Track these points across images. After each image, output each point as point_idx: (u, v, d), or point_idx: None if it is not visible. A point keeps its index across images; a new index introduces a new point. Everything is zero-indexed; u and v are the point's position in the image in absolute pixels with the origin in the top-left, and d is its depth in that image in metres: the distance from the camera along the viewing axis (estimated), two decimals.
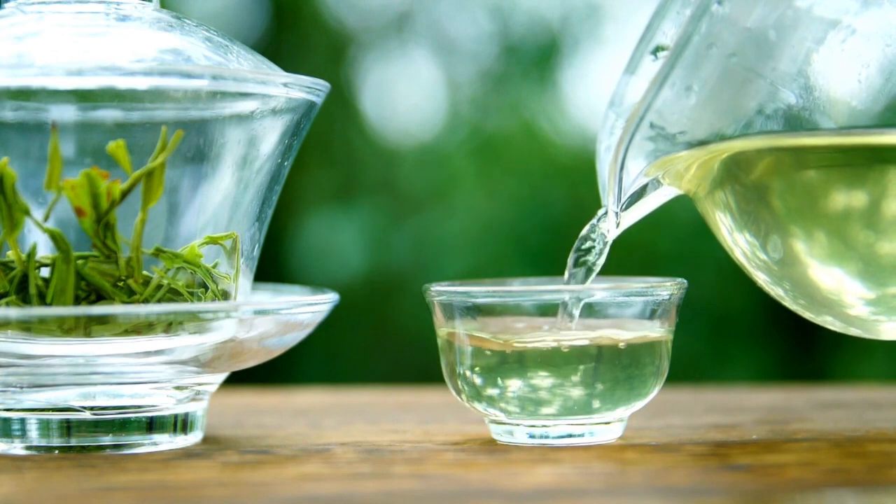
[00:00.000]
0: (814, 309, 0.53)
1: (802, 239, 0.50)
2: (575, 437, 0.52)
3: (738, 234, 0.52)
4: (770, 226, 0.51)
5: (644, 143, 0.52)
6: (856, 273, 0.51)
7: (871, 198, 0.50)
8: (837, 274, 0.51)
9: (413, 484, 0.45)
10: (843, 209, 0.50)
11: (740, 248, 0.53)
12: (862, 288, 0.51)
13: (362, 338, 1.72)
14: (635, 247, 1.66)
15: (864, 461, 0.48)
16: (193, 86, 0.50)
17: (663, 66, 0.50)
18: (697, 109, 0.51)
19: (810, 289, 0.52)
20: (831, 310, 0.52)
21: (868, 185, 0.50)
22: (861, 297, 0.51)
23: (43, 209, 0.50)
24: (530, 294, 0.52)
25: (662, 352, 0.52)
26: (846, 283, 0.51)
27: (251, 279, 0.56)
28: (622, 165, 0.52)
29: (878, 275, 0.51)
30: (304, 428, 0.58)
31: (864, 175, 0.50)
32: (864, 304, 0.51)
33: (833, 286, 0.51)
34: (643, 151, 0.52)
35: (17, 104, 0.50)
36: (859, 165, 0.50)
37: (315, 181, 1.74)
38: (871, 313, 0.52)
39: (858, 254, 0.50)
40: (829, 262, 0.50)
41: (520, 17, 1.78)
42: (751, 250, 0.52)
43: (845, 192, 0.50)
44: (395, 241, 1.72)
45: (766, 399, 0.67)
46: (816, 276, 0.51)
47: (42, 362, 0.50)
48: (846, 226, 0.50)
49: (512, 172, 1.75)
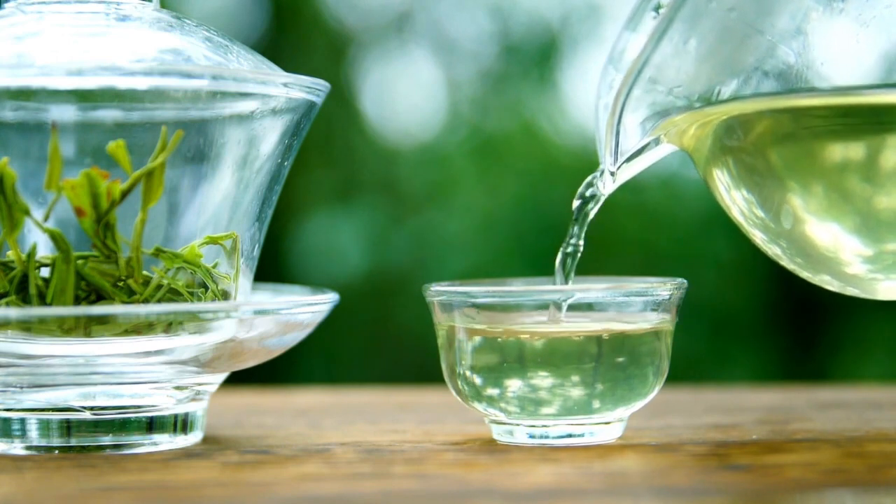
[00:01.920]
0: (811, 268, 0.52)
1: (799, 194, 0.50)
2: (575, 437, 0.52)
3: (736, 191, 0.52)
4: (767, 181, 0.51)
5: (642, 97, 0.51)
6: (853, 229, 0.50)
7: (868, 152, 0.49)
8: (834, 230, 0.50)
9: (413, 484, 0.45)
10: (841, 163, 0.49)
11: (738, 206, 0.53)
12: (859, 244, 0.50)
13: (362, 338, 1.72)
14: (635, 247, 1.66)
15: (864, 461, 0.48)
16: (193, 86, 0.50)
17: (662, 21, 0.50)
18: (695, 64, 0.51)
19: (807, 246, 0.51)
20: (828, 268, 0.52)
21: (865, 141, 0.50)
22: (858, 255, 0.51)
23: (43, 209, 0.50)
24: (530, 294, 0.52)
25: (662, 352, 0.52)
26: (843, 239, 0.50)
27: (251, 279, 0.56)
28: (619, 119, 0.52)
29: (876, 231, 0.50)
30: (304, 428, 0.58)
31: (861, 132, 0.50)
32: (862, 262, 0.51)
33: (830, 243, 0.51)
34: (641, 106, 0.52)
35: (17, 104, 0.50)
36: (856, 124, 0.50)
37: (315, 181, 1.74)
38: (869, 271, 0.51)
39: (855, 209, 0.50)
40: (826, 217, 0.50)
41: (520, 17, 1.78)
42: (748, 208, 0.52)
43: (842, 148, 0.50)
44: (395, 241, 1.72)
45: (766, 399, 0.67)
46: (813, 233, 0.51)
47: (42, 362, 0.50)
48: (843, 180, 0.50)
49: (512, 172, 1.75)
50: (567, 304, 0.51)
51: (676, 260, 1.67)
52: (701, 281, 1.59)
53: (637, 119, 0.52)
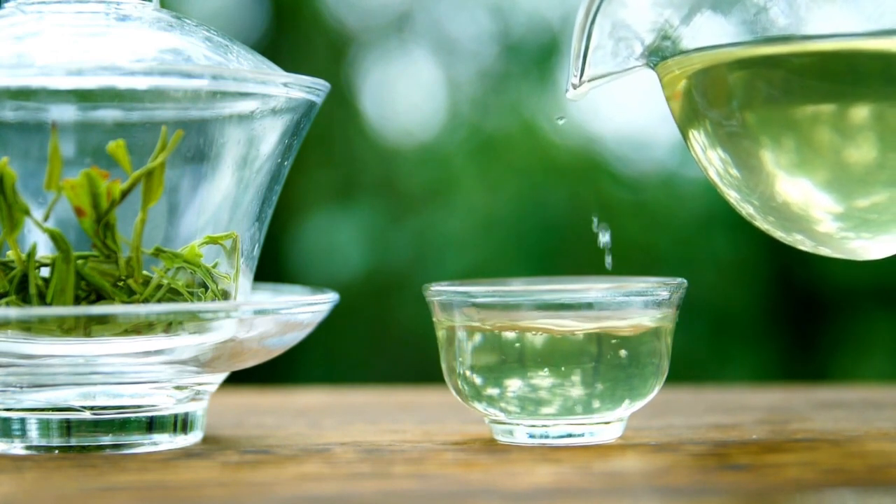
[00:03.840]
0: (783, 226, 0.52)
1: (770, 148, 0.50)
2: (575, 437, 0.52)
3: (712, 151, 0.52)
4: (739, 136, 0.51)
5: (616, 7, 0.51)
6: (823, 184, 0.50)
7: (837, 104, 0.49)
8: (805, 185, 0.50)
9: (413, 484, 0.45)
10: (810, 115, 0.50)
11: (714, 167, 0.53)
12: (829, 201, 0.50)
13: (362, 338, 1.72)
14: (635, 247, 1.66)
15: (864, 461, 0.48)
16: (193, 86, 0.50)
17: None
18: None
19: (779, 204, 0.51)
20: (800, 226, 0.52)
21: (835, 92, 0.50)
22: (829, 212, 0.51)
23: (43, 209, 0.50)
24: (530, 294, 0.52)
25: (662, 351, 0.52)
26: (813, 195, 0.50)
27: (251, 279, 0.56)
28: (593, 20, 0.52)
29: (845, 186, 0.50)
30: (304, 428, 0.58)
31: (831, 82, 0.50)
32: (832, 220, 0.51)
33: (801, 199, 0.51)
34: (616, 12, 0.52)
35: (17, 104, 0.50)
36: (827, 72, 0.50)
37: (315, 181, 1.74)
38: (839, 229, 0.51)
39: (825, 162, 0.50)
40: (796, 172, 0.50)
41: (520, 17, 1.78)
42: (723, 167, 0.52)
43: (812, 99, 0.50)
44: (395, 241, 1.72)
45: (766, 399, 0.67)
46: (784, 189, 0.51)
47: (42, 362, 0.50)
48: (812, 132, 0.50)
49: (512, 172, 1.75)
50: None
51: (676, 260, 1.67)
52: (701, 281, 1.59)
53: (609, 27, 0.52)
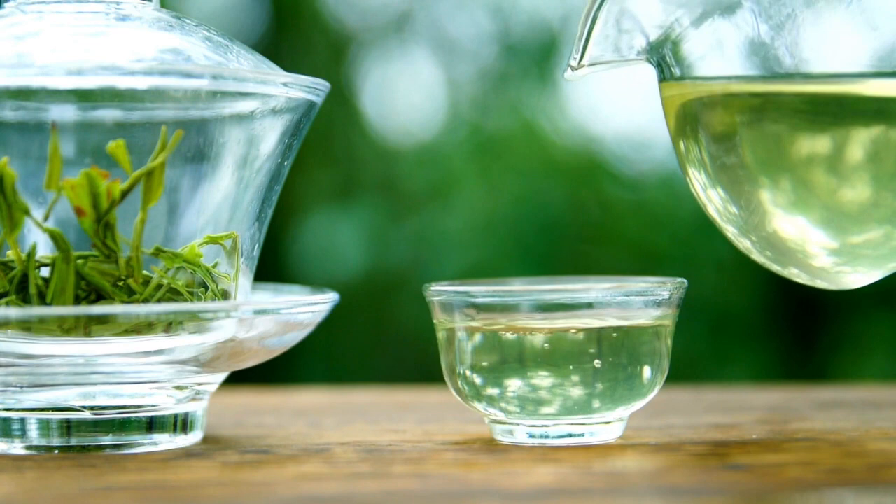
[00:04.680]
0: (780, 261, 0.53)
1: (768, 187, 0.50)
2: (575, 437, 0.52)
3: (712, 190, 0.52)
4: (738, 175, 0.51)
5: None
6: (819, 222, 0.50)
7: (833, 145, 0.50)
8: (801, 223, 0.51)
9: (413, 484, 0.45)
10: (807, 156, 0.50)
11: (713, 204, 0.53)
12: (825, 237, 0.51)
13: (362, 337, 1.72)
14: (635, 247, 1.66)
15: (864, 461, 0.48)
16: (193, 85, 0.50)
17: None
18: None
19: (776, 240, 0.52)
20: (796, 261, 0.52)
21: (831, 133, 0.50)
22: (824, 247, 0.51)
23: (43, 209, 0.50)
24: (530, 294, 0.52)
25: (662, 351, 0.52)
26: (810, 232, 0.51)
27: (251, 279, 0.56)
28: (601, 4, 0.52)
29: (841, 223, 0.50)
30: (304, 428, 0.58)
31: (828, 123, 0.50)
32: (828, 255, 0.52)
33: (797, 236, 0.51)
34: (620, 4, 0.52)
35: (17, 104, 0.50)
36: (823, 113, 0.50)
37: (315, 181, 1.74)
38: (835, 264, 0.52)
39: (821, 202, 0.50)
40: (793, 210, 0.50)
41: (520, 17, 1.78)
42: (723, 205, 0.52)
43: (809, 140, 0.50)
44: (395, 241, 1.72)
45: (766, 399, 0.67)
46: (781, 227, 0.51)
47: (42, 362, 0.50)
48: (809, 173, 0.50)
49: (512, 172, 1.75)
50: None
51: (676, 260, 1.67)
52: (701, 281, 1.58)
53: (615, 9, 0.52)
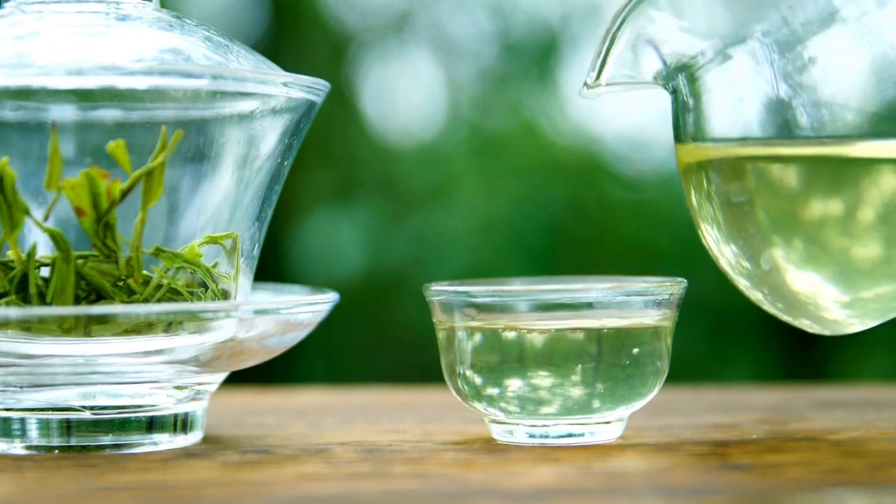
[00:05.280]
0: (791, 312, 0.53)
1: (781, 246, 0.51)
2: (575, 437, 0.52)
3: (725, 246, 0.53)
4: (751, 234, 0.52)
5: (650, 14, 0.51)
6: (831, 278, 0.51)
7: (845, 206, 0.50)
8: (813, 279, 0.51)
9: (413, 484, 0.45)
10: (820, 217, 0.50)
11: (726, 258, 0.53)
12: (837, 292, 0.51)
13: (362, 337, 1.72)
14: (635, 247, 1.66)
15: (864, 461, 0.48)
16: (193, 85, 0.50)
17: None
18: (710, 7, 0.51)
19: (787, 294, 0.52)
20: (808, 313, 0.53)
21: (843, 194, 0.50)
22: (836, 301, 0.52)
23: (43, 209, 0.50)
24: (530, 294, 0.52)
25: (662, 351, 0.52)
26: (822, 287, 0.51)
27: (251, 279, 0.56)
28: (620, 24, 0.52)
29: (853, 279, 0.51)
30: (304, 428, 0.58)
31: (840, 183, 0.50)
32: (840, 308, 0.52)
33: (809, 291, 0.51)
34: (644, 25, 0.52)
35: (17, 104, 0.50)
36: (835, 174, 0.51)
37: (315, 181, 1.74)
38: (847, 316, 0.52)
39: (834, 259, 0.51)
40: (805, 267, 0.51)
41: (520, 17, 1.78)
42: (735, 260, 0.53)
43: (822, 201, 0.50)
44: (395, 241, 1.72)
45: (766, 399, 0.67)
46: (793, 282, 0.51)
47: (42, 362, 0.50)
48: (822, 233, 0.50)
49: (512, 172, 1.75)
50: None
51: (676, 260, 1.67)
52: (701, 281, 1.58)
53: (633, 38, 0.52)
